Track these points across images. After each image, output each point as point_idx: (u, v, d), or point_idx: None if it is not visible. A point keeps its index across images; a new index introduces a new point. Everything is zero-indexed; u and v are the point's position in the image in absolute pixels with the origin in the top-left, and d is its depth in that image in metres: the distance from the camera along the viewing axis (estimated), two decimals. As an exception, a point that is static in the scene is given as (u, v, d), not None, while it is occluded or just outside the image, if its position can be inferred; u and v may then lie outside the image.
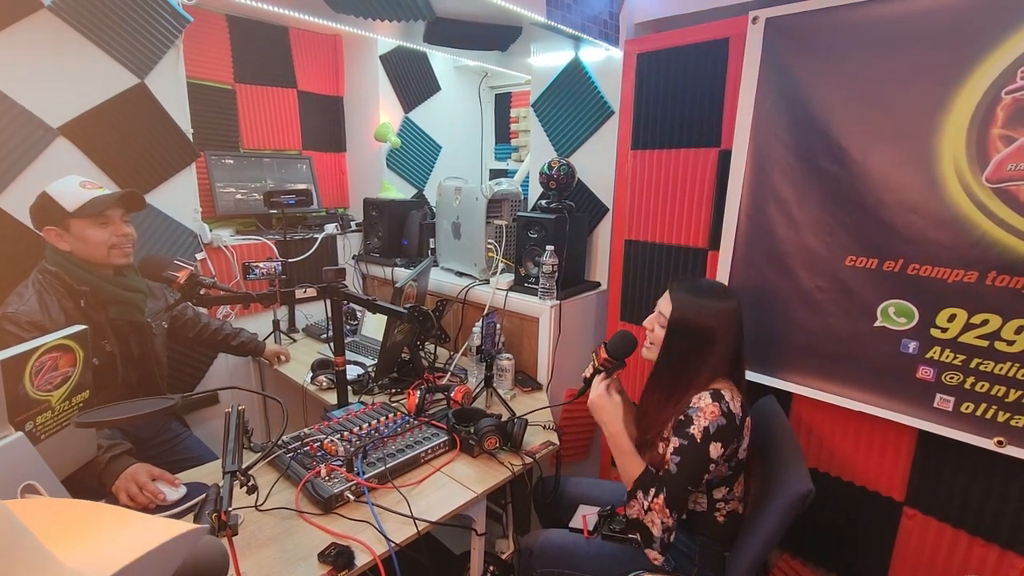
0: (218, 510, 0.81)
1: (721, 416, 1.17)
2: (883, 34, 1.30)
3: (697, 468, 1.18)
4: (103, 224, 1.38)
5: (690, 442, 1.18)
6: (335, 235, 2.60)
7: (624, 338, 1.41)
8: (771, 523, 1.17)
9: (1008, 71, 1.15)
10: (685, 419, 1.20)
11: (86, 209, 1.34)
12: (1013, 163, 1.16)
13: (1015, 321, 1.20)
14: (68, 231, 1.35)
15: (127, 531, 0.47)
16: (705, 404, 1.19)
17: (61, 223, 1.35)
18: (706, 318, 1.25)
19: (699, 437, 1.17)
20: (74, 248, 1.37)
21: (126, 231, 1.42)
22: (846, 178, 1.39)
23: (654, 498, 1.19)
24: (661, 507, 1.18)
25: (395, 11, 1.75)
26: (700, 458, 1.17)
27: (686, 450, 1.18)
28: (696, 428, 1.18)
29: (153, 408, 0.93)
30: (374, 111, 2.71)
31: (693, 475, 1.19)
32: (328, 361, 1.89)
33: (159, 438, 1.64)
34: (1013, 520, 1.30)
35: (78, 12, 1.64)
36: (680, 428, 1.21)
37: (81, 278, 1.37)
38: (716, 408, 1.18)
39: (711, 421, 1.17)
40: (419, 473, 1.37)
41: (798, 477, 1.17)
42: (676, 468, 1.19)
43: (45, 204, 1.34)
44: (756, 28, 1.49)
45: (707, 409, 1.18)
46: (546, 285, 1.89)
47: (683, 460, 1.18)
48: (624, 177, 1.94)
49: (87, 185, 1.38)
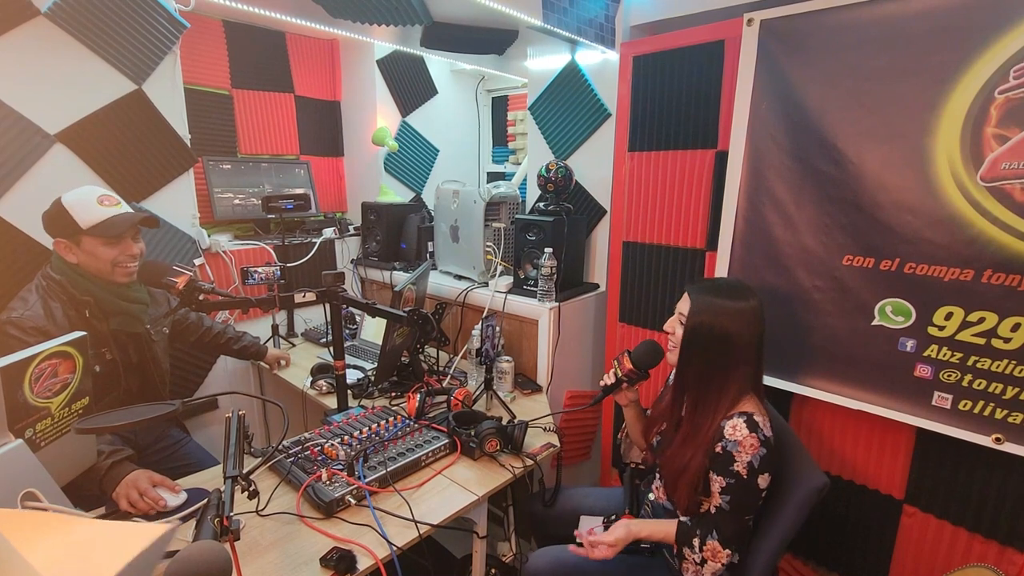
0: (220, 515, 0.81)
1: (761, 446, 1.12)
2: (877, 35, 1.31)
3: (750, 502, 1.14)
4: (114, 243, 1.38)
5: (737, 480, 1.13)
6: (333, 239, 2.60)
7: (652, 348, 1.34)
8: (787, 519, 1.17)
9: (1001, 71, 1.16)
10: (724, 455, 1.14)
11: (100, 229, 1.34)
12: (1007, 162, 1.17)
13: (1011, 318, 1.21)
14: (78, 246, 1.35)
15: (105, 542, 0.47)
16: (743, 436, 1.13)
17: (73, 237, 1.35)
18: (725, 318, 1.18)
19: (745, 474, 1.12)
20: (81, 262, 1.37)
21: (134, 251, 1.42)
22: (842, 178, 1.40)
23: (702, 546, 1.15)
24: (715, 550, 1.14)
25: (392, 16, 1.76)
26: (751, 493, 1.13)
27: (735, 489, 1.14)
28: (740, 465, 1.12)
29: (154, 413, 0.93)
30: (371, 115, 2.71)
31: (748, 508, 1.15)
32: (328, 365, 1.89)
33: (159, 444, 1.64)
34: (1012, 516, 1.30)
35: (75, 18, 1.64)
36: (721, 465, 1.15)
37: (85, 288, 1.37)
38: (755, 440, 1.12)
39: (753, 455, 1.12)
40: (420, 476, 1.37)
41: (810, 472, 1.18)
42: (729, 507, 1.14)
43: (59, 216, 1.33)
44: (751, 30, 1.50)
45: (746, 443, 1.12)
46: (545, 287, 1.89)
47: (734, 499, 1.14)
48: (621, 179, 1.95)
49: (105, 201, 1.37)
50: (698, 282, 1.30)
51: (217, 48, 2.33)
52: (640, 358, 1.35)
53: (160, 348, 1.59)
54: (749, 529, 1.17)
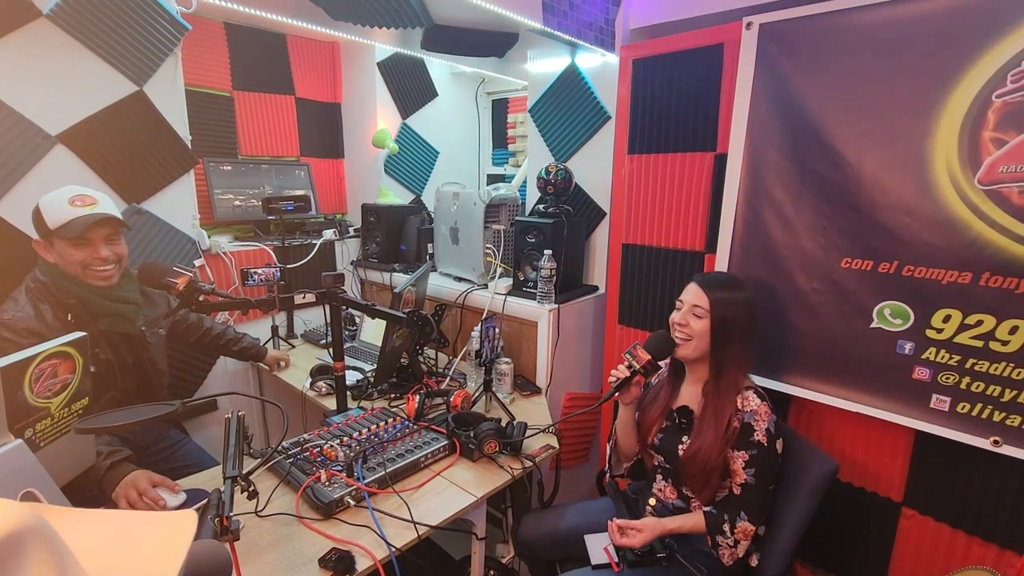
0: (220, 515, 0.81)
1: (772, 413, 1.22)
2: (875, 39, 1.32)
3: (772, 470, 1.22)
4: (81, 245, 1.33)
5: (759, 450, 1.21)
6: (333, 241, 2.61)
7: (664, 339, 1.36)
8: (800, 509, 1.23)
9: (998, 75, 1.16)
10: (744, 427, 1.22)
11: (63, 231, 1.31)
12: (1005, 165, 1.18)
13: (1009, 321, 1.21)
14: (52, 247, 1.35)
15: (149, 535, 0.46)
16: (756, 405, 1.23)
17: (46, 238, 1.34)
18: (746, 308, 1.30)
19: (766, 441, 1.21)
20: (57, 262, 1.36)
21: (103, 254, 1.36)
22: (840, 181, 1.40)
23: (733, 529, 1.21)
24: (747, 530, 1.20)
25: (393, 18, 1.76)
26: (773, 460, 1.22)
27: (758, 459, 1.21)
28: (759, 434, 1.21)
29: (154, 413, 0.93)
30: (372, 117, 2.72)
31: (771, 476, 1.22)
32: (327, 367, 1.89)
33: (158, 445, 1.64)
34: (1010, 519, 1.30)
35: (77, 20, 1.65)
36: (742, 439, 1.22)
37: (68, 291, 1.35)
38: (767, 407, 1.23)
39: (769, 421, 1.21)
40: (419, 478, 1.37)
41: (820, 459, 1.25)
42: (754, 479, 1.21)
43: (34, 216, 1.33)
44: (750, 34, 1.51)
45: (761, 410, 1.22)
46: (544, 289, 1.89)
47: (759, 470, 1.21)
48: (621, 181, 1.95)
49: (76, 201, 1.33)
50: (705, 276, 1.37)
51: (218, 50, 2.33)
52: (657, 348, 1.35)
53: (156, 349, 1.58)
54: (770, 504, 1.24)
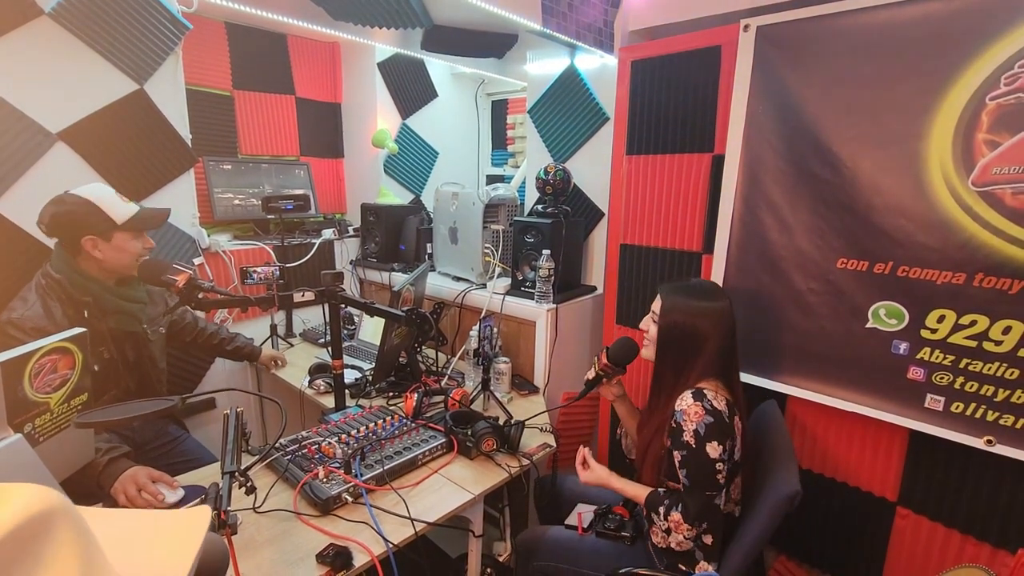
0: (218, 508, 0.82)
1: (706, 415, 1.17)
2: (871, 42, 1.33)
3: (706, 473, 1.17)
4: (140, 236, 1.44)
5: (688, 451, 1.18)
6: (332, 240, 2.61)
7: (625, 344, 1.43)
8: (760, 523, 1.19)
9: (992, 77, 1.18)
10: (676, 427, 1.20)
11: (134, 223, 1.39)
12: (998, 167, 1.19)
13: (1002, 321, 1.22)
14: (108, 242, 1.38)
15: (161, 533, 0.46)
16: (687, 405, 1.19)
17: (104, 234, 1.36)
18: (695, 317, 1.27)
19: (693, 442, 1.17)
20: (107, 258, 1.38)
21: (152, 244, 1.49)
22: (837, 182, 1.41)
23: (666, 516, 1.20)
24: (679, 523, 1.18)
25: (393, 19, 1.77)
26: (703, 462, 1.17)
27: (688, 460, 1.18)
28: (688, 434, 1.18)
29: (153, 409, 0.93)
30: (372, 117, 2.73)
31: (706, 481, 1.17)
32: (325, 365, 1.90)
33: (157, 441, 1.64)
34: (1003, 518, 1.31)
35: (78, 19, 1.65)
36: (675, 438, 1.21)
37: (85, 288, 1.37)
38: (699, 408, 1.17)
39: (698, 422, 1.17)
40: (417, 475, 1.38)
41: (787, 479, 1.18)
42: (688, 480, 1.19)
43: (90, 213, 1.35)
44: (747, 36, 1.52)
45: (691, 410, 1.18)
46: (542, 289, 1.90)
47: (690, 471, 1.19)
48: (619, 182, 1.96)
49: (123, 197, 1.43)
50: (670, 283, 1.38)
51: (219, 49, 2.34)
52: (615, 354, 1.43)
53: (157, 347, 1.59)
54: (716, 508, 1.19)
